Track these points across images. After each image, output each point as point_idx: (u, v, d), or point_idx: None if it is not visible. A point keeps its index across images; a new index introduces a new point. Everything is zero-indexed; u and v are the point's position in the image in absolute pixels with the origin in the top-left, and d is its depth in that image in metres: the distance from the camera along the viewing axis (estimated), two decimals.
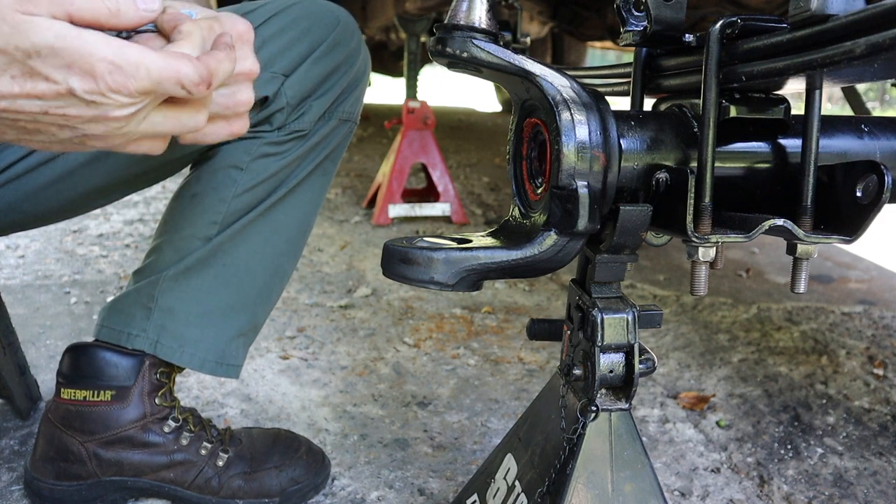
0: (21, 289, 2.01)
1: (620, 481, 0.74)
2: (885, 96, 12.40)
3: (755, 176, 0.75)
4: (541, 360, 1.71)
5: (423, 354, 1.71)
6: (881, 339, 1.94)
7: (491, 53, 0.69)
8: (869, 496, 1.24)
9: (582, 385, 0.77)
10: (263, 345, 1.71)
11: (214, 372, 1.05)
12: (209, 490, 1.07)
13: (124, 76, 0.52)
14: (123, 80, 0.52)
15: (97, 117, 0.54)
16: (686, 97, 0.77)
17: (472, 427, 1.39)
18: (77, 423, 1.03)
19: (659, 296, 2.22)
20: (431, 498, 1.16)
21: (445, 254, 0.66)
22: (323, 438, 1.32)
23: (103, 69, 0.51)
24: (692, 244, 0.68)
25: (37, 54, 0.50)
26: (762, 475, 1.28)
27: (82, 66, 0.51)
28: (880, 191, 0.62)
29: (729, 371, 1.69)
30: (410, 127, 2.94)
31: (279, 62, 0.97)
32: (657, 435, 1.39)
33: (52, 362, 1.55)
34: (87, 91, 0.52)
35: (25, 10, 0.50)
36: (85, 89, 0.52)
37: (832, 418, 1.49)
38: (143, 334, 1.02)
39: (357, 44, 1.05)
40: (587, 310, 0.75)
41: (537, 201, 0.74)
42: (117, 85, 0.52)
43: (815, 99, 0.68)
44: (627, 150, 0.71)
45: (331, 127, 1.04)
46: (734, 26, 0.65)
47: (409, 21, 3.08)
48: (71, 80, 0.51)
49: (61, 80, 0.51)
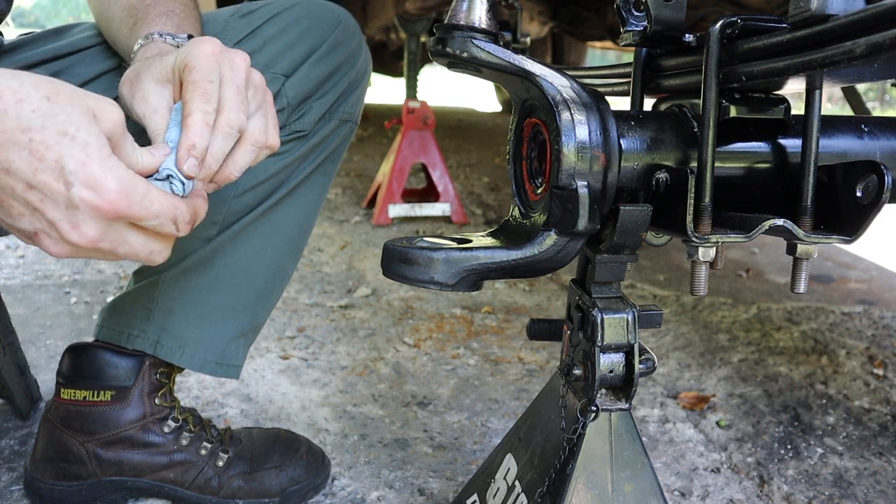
0: (21, 289, 2.01)
1: (620, 481, 0.74)
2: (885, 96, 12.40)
3: (755, 176, 0.75)
4: (541, 360, 1.71)
5: (423, 354, 1.71)
6: (881, 339, 1.94)
7: (491, 53, 0.69)
8: (869, 496, 1.24)
9: (582, 385, 0.77)
10: (263, 345, 1.71)
11: (215, 373, 1.05)
12: (209, 490, 1.07)
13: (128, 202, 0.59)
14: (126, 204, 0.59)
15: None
16: (686, 97, 0.77)
17: (472, 427, 1.39)
18: (77, 424, 1.03)
19: (659, 296, 2.22)
20: (431, 498, 1.16)
21: (445, 254, 0.66)
22: (323, 438, 1.32)
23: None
24: (692, 244, 0.68)
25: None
26: (762, 475, 1.28)
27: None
28: (880, 191, 0.62)
29: (729, 371, 1.69)
30: (410, 127, 2.94)
31: (280, 63, 0.97)
32: (657, 435, 1.39)
33: (52, 362, 1.55)
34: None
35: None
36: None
37: (832, 418, 1.49)
38: (143, 335, 1.02)
39: (358, 44, 1.05)
40: (587, 310, 0.75)
41: (537, 201, 0.74)
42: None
43: (815, 99, 0.68)
44: (627, 150, 0.71)
45: (331, 127, 1.04)
46: (734, 26, 0.65)
47: (409, 21, 3.08)
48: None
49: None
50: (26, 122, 0.55)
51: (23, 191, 0.57)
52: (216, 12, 1.01)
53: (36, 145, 0.56)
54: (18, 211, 0.58)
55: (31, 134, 0.55)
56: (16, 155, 0.55)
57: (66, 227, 0.58)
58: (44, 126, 0.56)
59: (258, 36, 0.97)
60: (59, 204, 0.57)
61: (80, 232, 0.58)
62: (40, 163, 0.56)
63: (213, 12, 1.01)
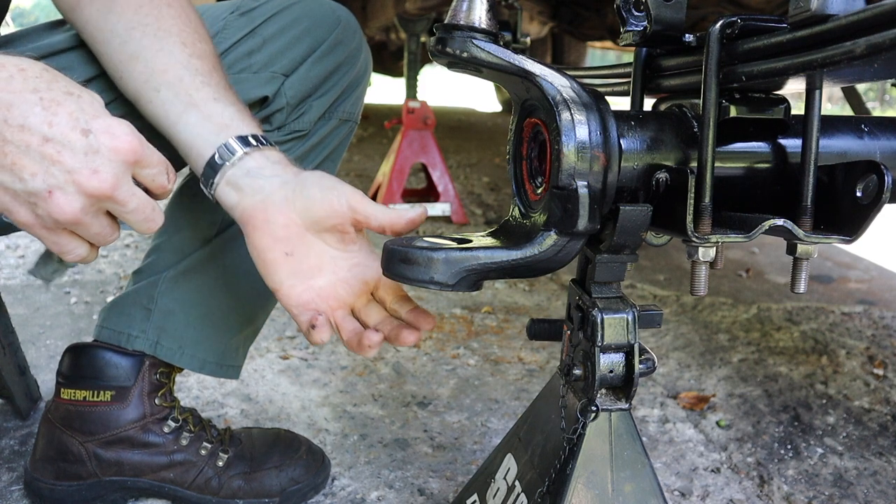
0: (21, 289, 2.01)
1: (620, 481, 0.74)
2: (885, 96, 12.39)
3: (755, 176, 0.75)
4: (541, 360, 1.71)
5: (423, 354, 1.71)
6: (881, 339, 1.94)
7: (491, 53, 0.68)
8: (869, 496, 1.24)
9: (582, 385, 0.77)
10: (263, 345, 1.71)
11: (214, 373, 1.05)
12: (209, 490, 1.07)
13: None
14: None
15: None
16: (686, 97, 0.77)
17: (472, 427, 1.39)
18: (77, 424, 1.03)
19: (659, 296, 2.22)
20: (431, 498, 1.16)
21: (445, 254, 0.66)
22: (323, 438, 1.32)
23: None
24: (692, 244, 0.68)
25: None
26: (762, 475, 1.28)
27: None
28: (880, 191, 0.62)
29: (729, 371, 1.69)
30: (410, 127, 2.94)
31: (279, 62, 0.96)
32: (657, 435, 1.39)
33: (52, 362, 1.55)
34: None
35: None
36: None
37: (832, 418, 1.49)
38: (142, 335, 1.02)
39: (358, 43, 1.05)
40: (587, 310, 0.75)
41: (537, 201, 0.74)
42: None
43: (815, 99, 0.68)
44: (627, 150, 0.71)
45: (331, 127, 1.04)
46: (734, 26, 0.65)
47: (409, 21, 3.08)
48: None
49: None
50: (33, 84, 0.60)
51: (39, 145, 0.59)
52: (214, 7, 0.99)
53: (47, 102, 0.60)
54: (31, 170, 0.60)
55: (40, 93, 0.60)
56: (29, 111, 0.59)
57: (87, 174, 0.61)
58: (49, 87, 0.60)
59: (257, 35, 0.96)
60: (76, 152, 0.60)
61: (99, 177, 0.61)
62: (54, 116, 0.60)
63: (212, 7, 0.99)
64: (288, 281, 0.72)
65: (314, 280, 0.73)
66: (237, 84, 0.95)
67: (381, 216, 0.72)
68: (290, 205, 0.72)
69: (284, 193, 0.72)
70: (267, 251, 0.71)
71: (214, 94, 0.78)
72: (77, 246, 0.66)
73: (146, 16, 0.81)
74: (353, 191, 0.73)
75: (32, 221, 0.63)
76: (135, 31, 0.80)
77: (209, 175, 0.75)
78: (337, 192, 0.72)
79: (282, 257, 0.72)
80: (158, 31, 0.80)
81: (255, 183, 0.73)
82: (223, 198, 0.75)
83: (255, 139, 0.77)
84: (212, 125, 0.76)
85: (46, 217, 0.62)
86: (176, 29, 0.81)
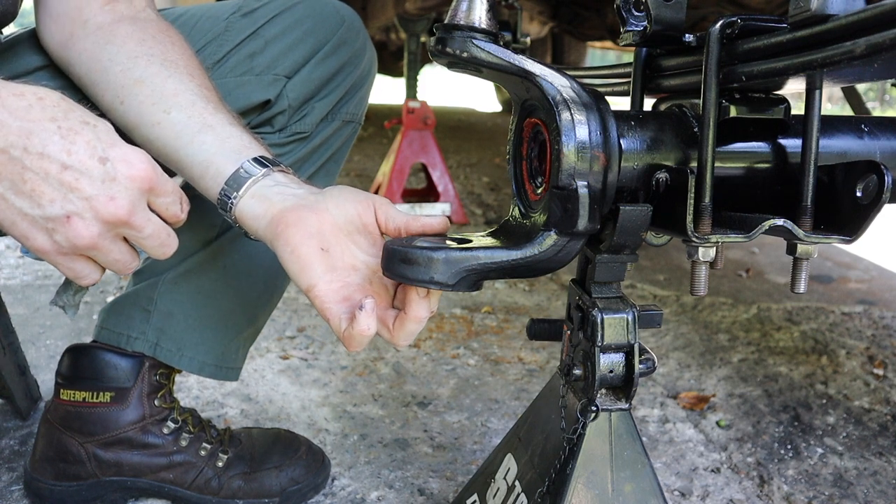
0: (21, 289, 2.01)
1: (620, 481, 0.74)
2: (885, 96, 12.39)
3: (755, 176, 0.75)
4: (541, 360, 1.71)
5: (423, 354, 1.71)
6: (881, 339, 1.94)
7: (491, 53, 0.68)
8: (869, 496, 1.24)
9: (582, 385, 0.77)
10: (263, 345, 1.70)
11: (214, 375, 1.05)
12: (209, 490, 1.07)
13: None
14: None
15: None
16: (686, 97, 0.77)
17: (472, 427, 1.39)
18: (76, 424, 1.03)
19: (659, 296, 2.22)
20: (431, 498, 1.16)
21: (445, 254, 0.66)
22: (323, 438, 1.32)
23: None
24: (692, 244, 0.68)
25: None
26: (762, 475, 1.28)
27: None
28: (880, 191, 0.62)
29: (729, 371, 1.69)
30: (410, 127, 2.94)
31: (282, 63, 0.96)
32: (657, 435, 1.39)
33: (52, 362, 1.55)
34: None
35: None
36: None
37: (832, 418, 1.49)
38: (142, 337, 1.02)
39: (362, 43, 1.04)
40: (587, 310, 0.75)
41: (537, 201, 0.74)
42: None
43: (815, 99, 0.68)
44: (627, 150, 0.71)
45: (334, 128, 1.03)
46: (734, 26, 0.65)
47: (409, 21, 3.08)
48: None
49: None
50: (51, 112, 0.61)
51: (58, 172, 0.61)
52: (216, 7, 0.99)
53: (65, 131, 0.61)
54: (50, 197, 0.61)
55: (58, 122, 0.61)
56: (48, 139, 0.60)
57: (104, 200, 0.62)
58: (67, 116, 0.62)
59: (260, 37, 0.96)
60: (94, 179, 0.62)
61: (116, 204, 0.63)
62: (72, 144, 0.61)
63: (213, 7, 0.99)
64: (325, 276, 0.71)
65: (350, 278, 0.73)
66: (239, 87, 0.94)
67: (398, 218, 0.73)
68: (321, 205, 0.72)
69: (315, 198, 0.73)
70: (301, 245, 0.70)
71: (229, 120, 0.79)
72: (92, 271, 0.68)
73: (151, 48, 0.81)
74: (378, 196, 0.75)
75: (49, 247, 0.64)
76: (139, 60, 0.80)
77: (230, 189, 0.74)
78: (364, 195, 0.74)
79: (317, 252, 0.71)
80: (165, 62, 0.80)
81: (284, 190, 0.74)
82: (246, 210, 0.74)
83: (274, 163, 0.77)
84: (232, 143, 0.76)
85: (64, 242, 0.63)
86: (182, 62, 0.81)
